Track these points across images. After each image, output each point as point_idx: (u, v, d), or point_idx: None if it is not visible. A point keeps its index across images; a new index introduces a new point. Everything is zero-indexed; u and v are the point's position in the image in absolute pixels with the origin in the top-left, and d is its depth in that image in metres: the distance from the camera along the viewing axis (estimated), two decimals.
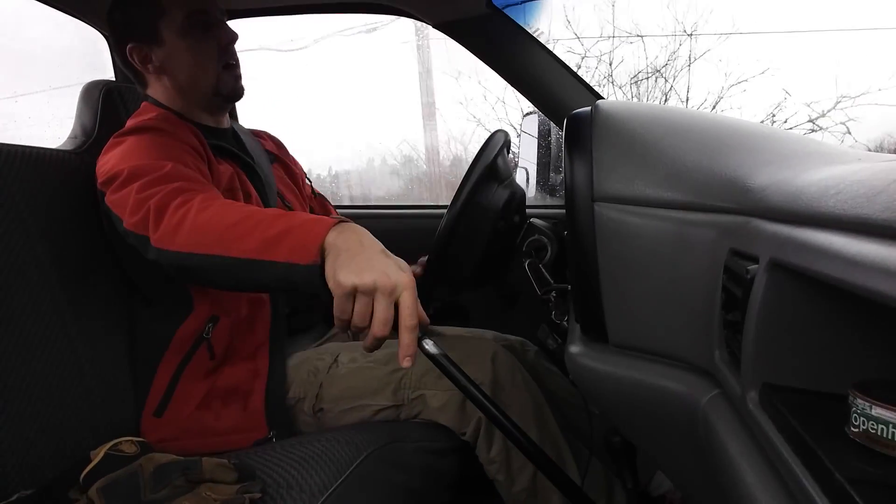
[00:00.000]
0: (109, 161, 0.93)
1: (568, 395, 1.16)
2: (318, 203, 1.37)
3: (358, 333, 0.68)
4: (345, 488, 0.83)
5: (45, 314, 0.89)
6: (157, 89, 1.09)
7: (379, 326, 0.65)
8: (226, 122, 1.15)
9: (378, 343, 0.67)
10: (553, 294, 0.97)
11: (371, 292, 0.65)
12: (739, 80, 3.34)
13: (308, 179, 1.37)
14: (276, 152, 1.28)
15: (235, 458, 0.85)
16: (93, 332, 0.97)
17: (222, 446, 0.96)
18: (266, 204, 1.10)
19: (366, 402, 1.02)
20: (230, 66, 1.06)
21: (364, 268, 0.65)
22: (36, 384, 0.85)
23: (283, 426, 1.01)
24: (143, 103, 1.09)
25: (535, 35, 1.37)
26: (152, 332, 1.03)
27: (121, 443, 0.84)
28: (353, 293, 0.65)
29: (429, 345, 0.71)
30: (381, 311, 0.65)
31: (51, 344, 0.89)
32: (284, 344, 1.07)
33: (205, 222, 0.76)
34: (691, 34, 3.40)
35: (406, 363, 0.66)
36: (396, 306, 0.66)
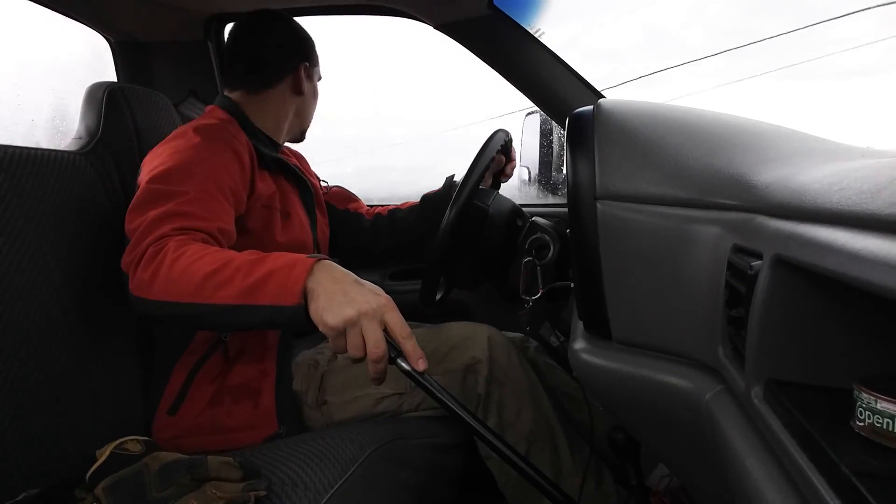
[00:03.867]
0: (162, 151, 0.97)
1: (568, 389, 1.17)
2: (333, 195, 1.38)
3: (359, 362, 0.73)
4: (349, 486, 0.83)
5: (51, 315, 0.90)
6: (271, 103, 1.15)
7: (373, 347, 0.70)
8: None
9: (381, 369, 0.72)
10: (529, 303, 0.99)
11: (357, 322, 0.70)
12: None
13: (322, 180, 1.39)
14: (301, 168, 1.30)
15: (240, 455, 0.85)
16: (99, 332, 0.97)
17: (234, 443, 0.97)
18: (312, 218, 1.17)
19: (368, 391, 1.03)
20: None
21: (344, 303, 0.71)
22: (41, 384, 0.86)
23: (292, 422, 1.02)
24: (211, 107, 1.13)
25: (536, 35, 1.37)
26: (172, 333, 1.04)
27: (126, 442, 0.84)
28: (343, 329, 0.71)
29: (403, 362, 0.74)
30: (371, 333, 0.70)
31: (56, 344, 0.89)
32: (292, 345, 1.09)
33: (180, 273, 0.78)
34: None
35: (421, 365, 0.73)
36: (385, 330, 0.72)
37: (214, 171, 0.94)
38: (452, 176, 1.28)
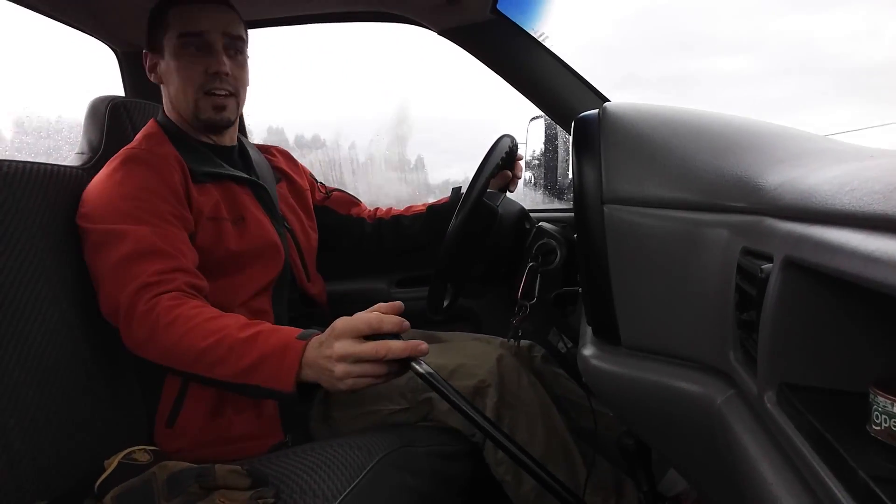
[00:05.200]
0: (91, 192, 0.97)
1: (574, 398, 1.16)
2: (335, 199, 1.37)
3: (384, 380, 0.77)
4: (357, 492, 0.83)
5: (54, 327, 0.90)
6: (164, 100, 1.11)
7: (372, 366, 0.74)
8: (228, 139, 1.14)
9: (393, 353, 0.73)
10: (525, 309, 0.99)
11: (357, 371, 0.74)
12: None
13: (319, 181, 1.38)
14: (284, 168, 1.28)
15: (248, 464, 0.85)
16: (102, 344, 0.97)
17: (238, 454, 0.96)
18: (275, 218, 1.11)
19: (375, 407, 1.02)
20: (212, 94, 1.04)
21: (336, 374, 0.75)
22: (47, 396, 0.86)
23: (298, 430, 1.02)
24: (151, 119, 1.11)
25: (539, 39, 1.37)
26: None
27: (134, 451, 0.84)
28: (351, 384, 0.75)
29: (420, 365, 0.74)
30: (360, 368, 0.74)
31: (60, 356, 0.90)
32: None
33: (175, 343, 0.82)
34: None
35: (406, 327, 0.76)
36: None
37: (150, 203, 0.94)
38: (459, 188, 1.27)
